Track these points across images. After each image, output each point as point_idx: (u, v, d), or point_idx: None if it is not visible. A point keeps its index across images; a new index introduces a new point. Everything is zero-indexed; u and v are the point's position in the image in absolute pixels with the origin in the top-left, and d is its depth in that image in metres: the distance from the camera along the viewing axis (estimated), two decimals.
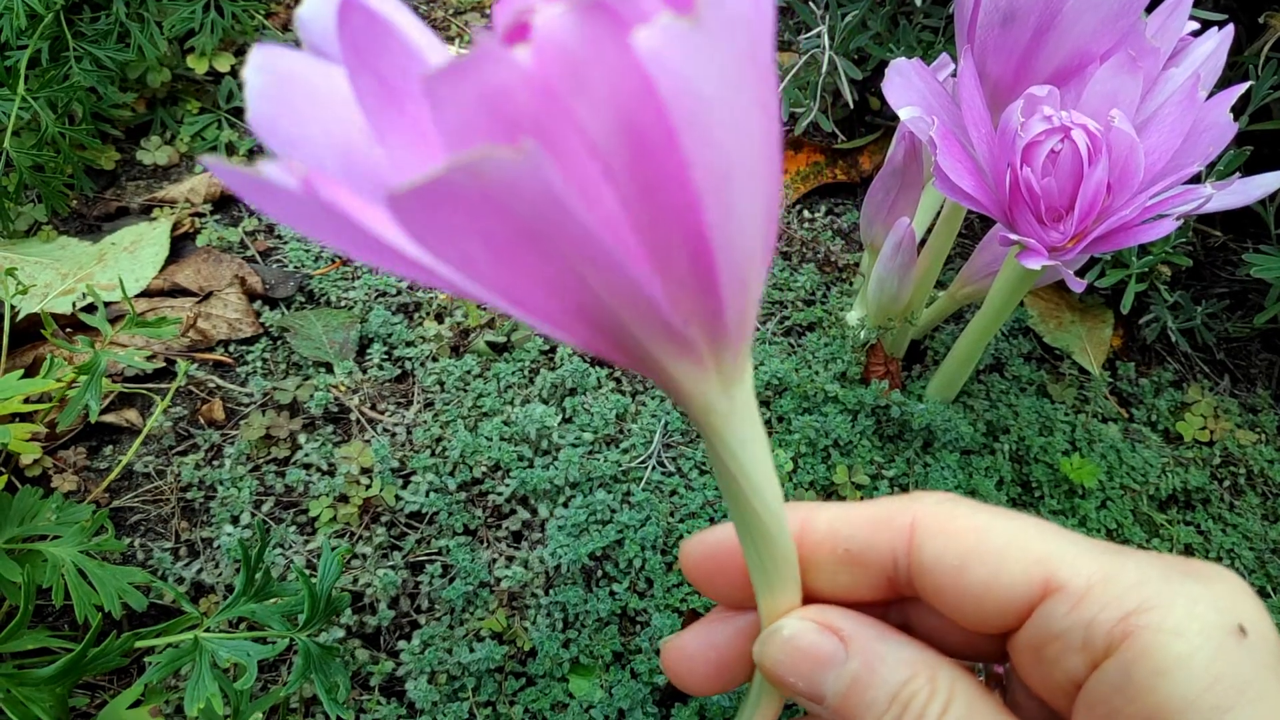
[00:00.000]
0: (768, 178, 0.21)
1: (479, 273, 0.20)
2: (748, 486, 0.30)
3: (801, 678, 0.32)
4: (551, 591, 0.74)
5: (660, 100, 0.18)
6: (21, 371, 0.54)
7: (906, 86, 0.67)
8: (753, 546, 0.32)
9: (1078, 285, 0.63)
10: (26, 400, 0.58)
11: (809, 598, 0.35)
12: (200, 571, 0.75)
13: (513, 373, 0.86)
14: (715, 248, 0.21)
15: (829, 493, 0.77)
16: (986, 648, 0.34)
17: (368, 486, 0.79)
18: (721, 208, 0.20)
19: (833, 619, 0.32)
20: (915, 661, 0.31)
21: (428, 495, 0.78)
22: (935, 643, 0.33)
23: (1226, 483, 0.85)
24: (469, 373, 0.87)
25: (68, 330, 0.88)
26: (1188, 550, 0.79)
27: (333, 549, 0.62)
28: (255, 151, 1.11)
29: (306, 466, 0.81)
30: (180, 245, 1.01)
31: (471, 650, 0.70)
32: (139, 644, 0.55)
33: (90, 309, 0.87)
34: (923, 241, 0.81)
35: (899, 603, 0.36)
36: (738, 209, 0.21)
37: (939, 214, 0.84)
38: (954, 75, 0.75)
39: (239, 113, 1.14)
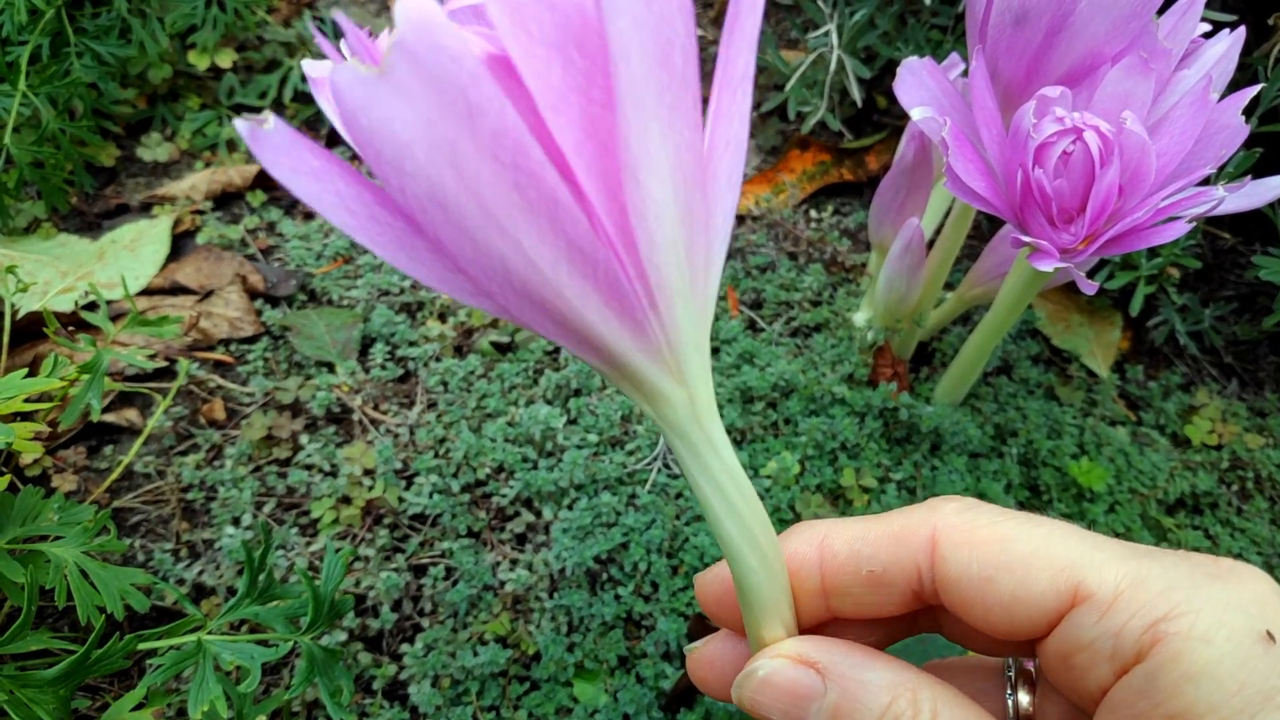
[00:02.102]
0: (522, 222, 0.24)
1: (349, 225, 0.25)
2: (707, 510, 0.32)
3: (783, 715, 0.32)
4: (556, 595, 0.73)
5: (348, 126, 0.22)
6: (25, 370, 0.54)
7: (918, 86, 0.66)
8: (733, 574, 0.33)
9: (1089, 287, 0.62)
10: (27, 399, 0.57)
11: (836, 620, 0.35)
12: (201, 573, 0.75)
13: (517, 373, 0.86)
14: (463, 264, 0.25)
15: (836, 496, 0.77)
16: (1016, 646, 0.34)
17: (370, 488, 0.79)
18: (446, 229, 0.24)
19: (808, 651, 0.32)
20: (896, 684, 0.31)
21: (431, 497, 0.78)
22: (966, 642, 0.32)
23: (1235, 487, 0.84)
24: (473, 373, 0.86)
25: (70, 329, 0.87)
26: None
27: (336, 551, 0.61)
28: None
29: (308, 467, 0.81)
30: (181, 243, 1.01)
31: (475, 654, 0.70)
32: (142, 646, 0.54)
33: (92, 307, 0.86)
34: (931, 242, 0.80)
35: (927, 608, 0.35)
36: (472, 235, 0.24)
37: (947, 214, 0.83)
38: (964, 75, 0.74)
39: (241, 109, 1.13)
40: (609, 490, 0.77)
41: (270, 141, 0.27)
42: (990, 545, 0.30)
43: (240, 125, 0.26)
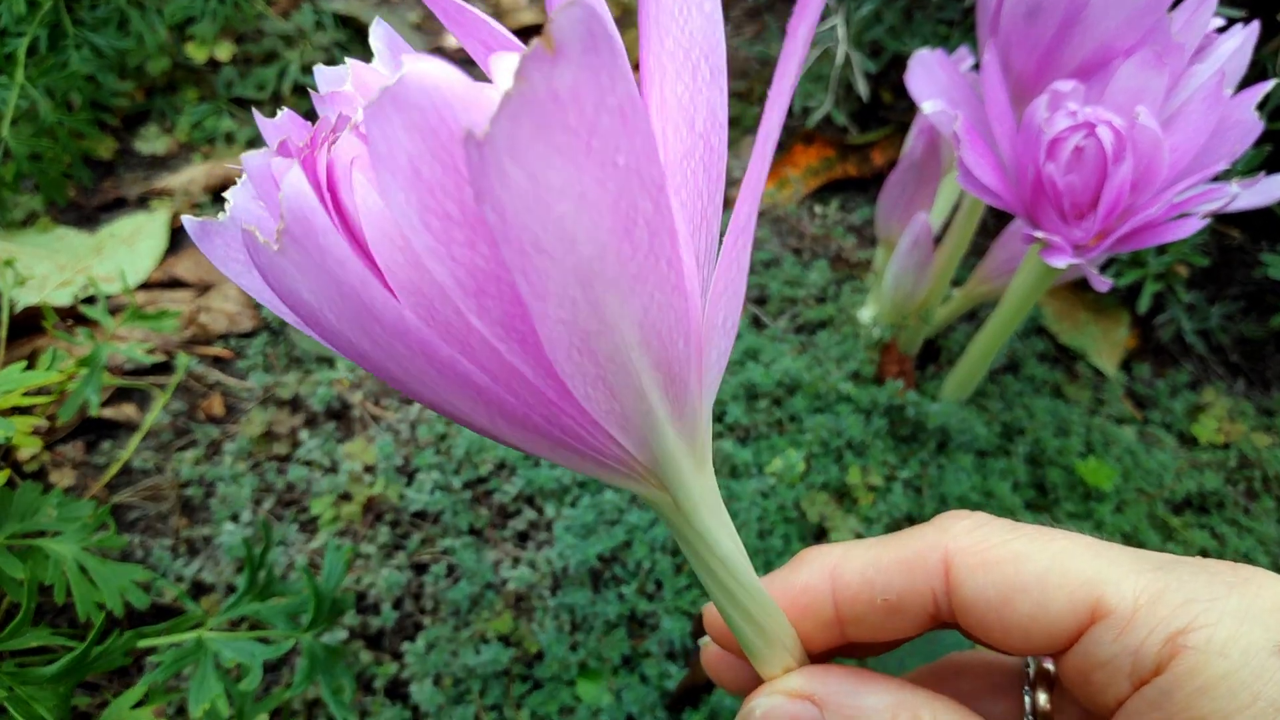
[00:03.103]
0: (447, 390, 0.24)
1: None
2: (704, 585, 0.31)
3: None
4: (559, 593, 0.72)
5: (261, 278, 0.22)
6: (24, 364, 0.53)
7: (929, 79, 0.66)
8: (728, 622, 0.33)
9: (1102, 285, 0.62)
10: (26, 393, 0.56)
11: (852, 648, 0.35)
12: (200, 570, 0.74)
13: None
14: (398, 388, 0.25)
15: (842, 494, 0.76)
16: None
17: (371, 484, 0.78)
18: (379, 371, 0.24)
19: (802, 685, 0.32)
20: (894, 706, 0.31)
21: (432, 494, 0.77)
22: (986, 642, 0.32)
23: (1242, 486, 0.84)
24: None
25: (68, 323, 0.86)
26: (1203, 556, 0.78)
27: (337, 548, 0.60)
28: (255, 141, 1.09)
29: (308, 464, 0.80)
30: (179, 237, 1.00)
31: (477, 653, 0.69)
32: (142, 643, 0.53)
33: (90, 301, 0.85)
34: (938, 238, 0.80)
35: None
36: (403, 384, 0.24)
37: (955, 210, 0.83)
38: (974, 68, 0.74)
39: (239, 102, 1.13)
40: (612, 487, 0.76)
41: (222, 234, 0.26)
42: (1004, 566, 0.30)
43: (189, 224, 0.26)
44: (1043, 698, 0.34)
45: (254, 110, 0.27)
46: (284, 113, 0.26)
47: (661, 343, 0.24)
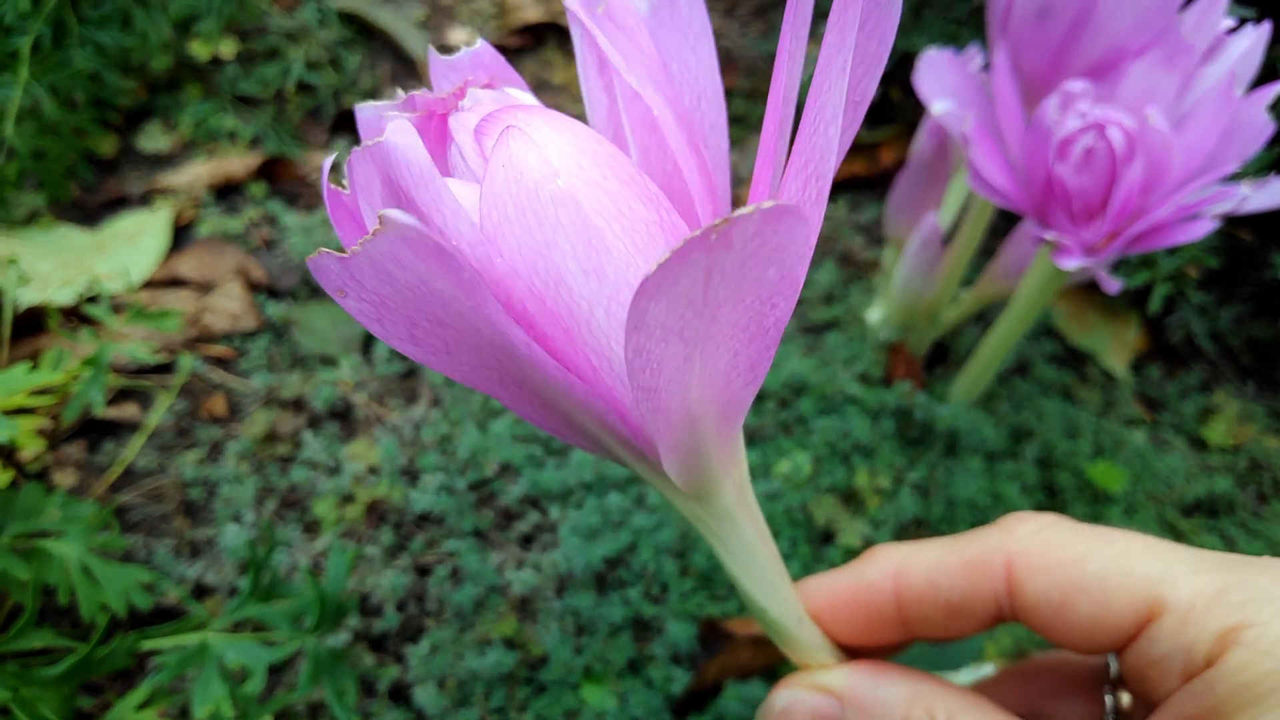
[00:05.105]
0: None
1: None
2: (736, 582, 0.32)
3: None
4: (563, 596, 0.72)
5: None
6: (29, 364, 0.52)
7: (938, 79, 0.65)
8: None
9: (1112, 287, 0.61)
10: (29, 394, 0.56)
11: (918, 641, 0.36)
12: (204, 571, 0.73)
13: None
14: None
15: (849, 497, 0.75)
16: None
17: (374, 486, 0.77)
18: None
19: (822, 679, 0.33)
20: (911, 698, 0.31)
21: (436, 495, 0.76)
22: (1050, 640, 0.32)
23: (1252, 489, 0.83)
24: None
25: (71, 321, 0.86)
26: None
27: (341, 550, 0.60)
28: (258, 138, 1.09)
29: (311, 465, 0.79)
30: (181, 235, 0.99)
31: (481, 656, 0.68)
32: (146, 644, 0.53)
33: (94, 300, 0.85)
34: (947, 238, 0.79)
35: None
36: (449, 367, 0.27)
37: (964, 210, 0.82)
38: (983, 68, 0.73)
39: (243, 99, 1.12)
40: (617, 490, 0.76)
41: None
42: (1066, 567, 0.30)
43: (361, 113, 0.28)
44: (1125, 697, 0.34)
45: (430, 49, 0.29)
46: (468, 51, 0.28)
47: (595, 423, 0.26)
